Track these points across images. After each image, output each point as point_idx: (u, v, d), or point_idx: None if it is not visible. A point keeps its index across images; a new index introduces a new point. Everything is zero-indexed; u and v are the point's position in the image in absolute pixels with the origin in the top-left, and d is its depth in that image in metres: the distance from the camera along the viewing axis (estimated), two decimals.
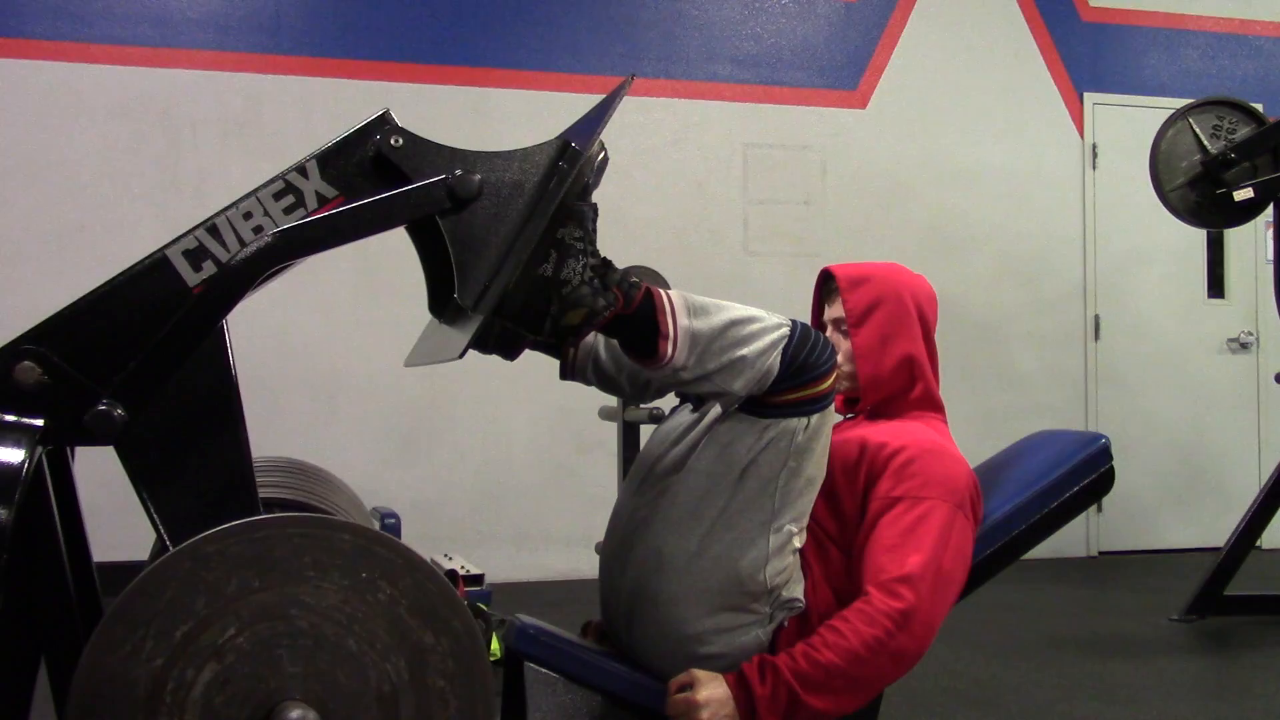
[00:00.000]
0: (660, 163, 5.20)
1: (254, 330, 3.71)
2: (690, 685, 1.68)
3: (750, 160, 5.31)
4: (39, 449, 1.42)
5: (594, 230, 1.60)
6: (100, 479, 1.96)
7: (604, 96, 1.70)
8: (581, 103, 1.77)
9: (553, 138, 1.60)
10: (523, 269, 1.51)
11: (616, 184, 5.21)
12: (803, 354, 1.66)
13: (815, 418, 1.71)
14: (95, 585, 1.77)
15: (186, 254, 1.49)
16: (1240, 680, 3.30)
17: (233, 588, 1.30)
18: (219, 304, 1.46)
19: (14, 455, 1.38)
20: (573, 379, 1.96)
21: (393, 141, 1.53)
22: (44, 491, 1.48)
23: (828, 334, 2.05)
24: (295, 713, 1.30)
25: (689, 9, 5.30)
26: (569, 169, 1.54)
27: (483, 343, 1.59)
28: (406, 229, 1.58)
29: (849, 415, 2.09)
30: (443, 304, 1.60)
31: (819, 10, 5.44)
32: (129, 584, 1.29)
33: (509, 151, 1.57)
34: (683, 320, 1.63)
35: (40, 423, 1.42)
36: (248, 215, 1.51)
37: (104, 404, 1.43)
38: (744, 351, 1.64)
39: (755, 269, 5.26)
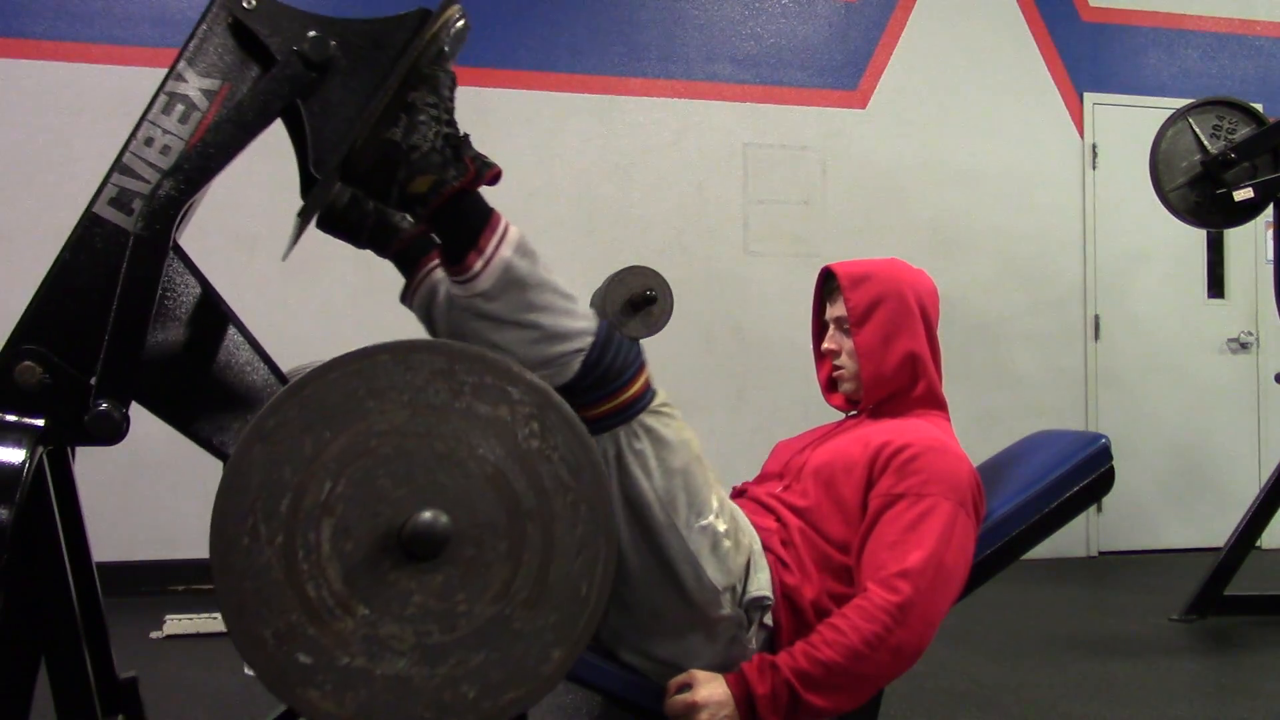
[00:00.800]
0: (660, 163, 5.20)
1: (254, 330, 3.69)
2: (689, 685, 1.68)
3: (750, 160, 5.31)
4: (39, 449, 1.42)
5: (450, 99, 1.54)
6: (100, 479, 1.96)
7: None
8: (581, 103, 1.77)
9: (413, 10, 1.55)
10: (370, 130, 1.45)
11: (616, 184, 5.22)
12: (606, 359, 1.56)
13: (643, 419, 1.60)
14: (95, 585, 1.77)
15: (113, 202, 1.47)
16: (1240, 680, 3.30)
17: (309, 447, 1.33)
18: (153, 250, 1.46)
19: (14, 455, 1.38)
20: (409, 307, 1.88)
21: (245, 4, 1.49)
22: (44, 491, 1.48)
23: (830, 333, 2.05)
24: (427, 514, 1.33)
25: (689, 9, 5.30)
26: (424, 30, 1.49)
27: (332, 217, 1.59)
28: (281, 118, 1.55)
29: (851, 414, 2.09)
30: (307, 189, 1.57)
31: (819, 10, 5.44)
32: (218, 490, 1.31)
33: (367, 19, 1.52)
34: (506, 251, 1.52)
35: (41, 423, 1.42)
36: (149, 141, 1.49)
37: (104, 404, 1.43)
38: (547, 322, 1.53)
39: (755, 269, 5.26)
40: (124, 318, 1.45)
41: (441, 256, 1.59)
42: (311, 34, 1.48)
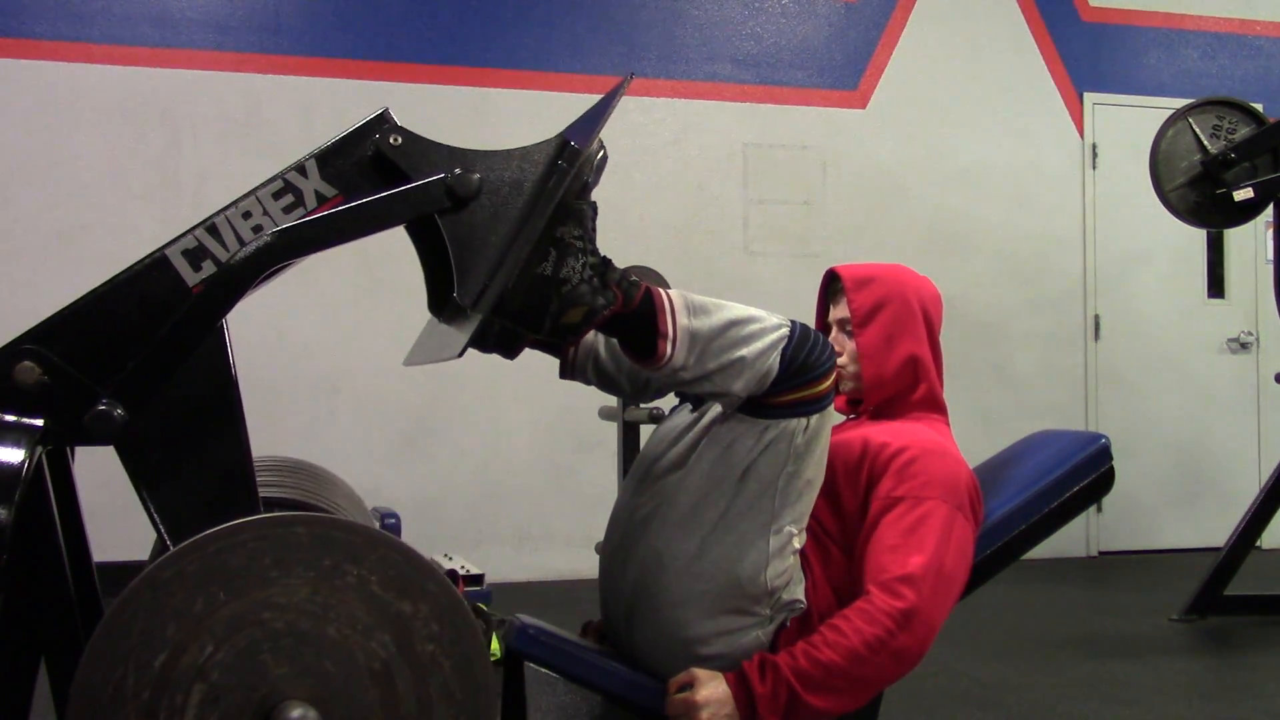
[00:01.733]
0: (660, 163, 5.20)
1: (254, 330, 3.71)
2: (690, 685, 1.68)
3: (750, 160, 5.31)
4: (39, 449, 1.42)
5: (593, 229, 1.60)
6: (100, 479, 1.96)
7: (603, 95, 1.70)
8: (581, 103, 1.77)
9: (552, 136, 1.59)
10: (522, 267, 1.51)
11: (616, 184, 5.21)
12: (802, 354, 1.66)
13: (815, 419, 1.70)
14: (95, 585, 1.77)
15: (186, 253, 1.49)
16: (1240, 680, 3.30)
17: (199, 606, 1.29)
18: (218, 303, 1.46)
19: (14, 455, 1.38)
20: (572, 378, 1.95)
21: (392, 140, 1.53)
22: (44, 491, 1.48)
23: (832, 334, 2.05)
24: (296, 712, 1.30)
25: (689, 9, 5.30)
26: (568, 167, 1.54)
27: (482, 341, 1.59)
28: (406, 228, 1.58)
29: (851, 415, 2.09)
30: (442, 303, 1.60)
31: (819, 10, 5.44)
32: (95, 630, 1.28)
33: (508, 150, 1.57)
34: (682, 320, 1.62)
35: (40, 423, 1.42)
36: (247, 214, 1.51)
37: (104, 404, 1.43)
38: (743, 352, 1.63)
39: (755, 269, 5.26)
40: (153, 364, 1.45)
41: (629, 353, 1.69)
42: (458, 171, 1.51)
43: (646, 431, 2.73)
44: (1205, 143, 4.08)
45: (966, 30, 5.57)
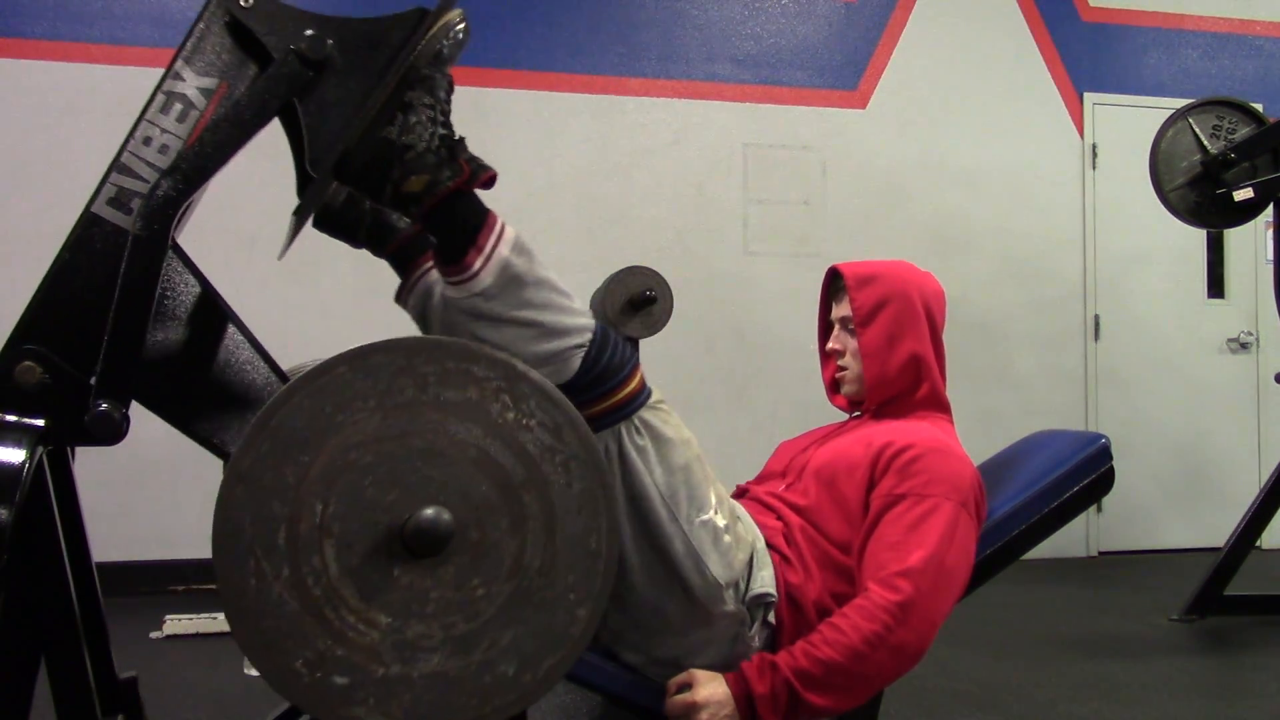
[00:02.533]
0: (660, 163, 5.20)
1: (254, 330, 3.69)
2: (689, 685, 1.68)
3: (750, 160, 5.31)
4: (40, 449, 1.42)
5: (447, 102, 1.54)
6: (100, 479, 1.96)
7: None
8: (581, 103, 1.77)
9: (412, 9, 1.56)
10: (366, 129, 1.46)
11: (616, 184, 5.22)
12: (604, 358, 1.57)
13: (642, 415, 1.61)
14: (95, 585, 1.77)
15: (111, 202, 1.47)
16: (1240, 680, 3.31)
17: (290, 476, 1.32)
18: (151, 250, 1.45)
19: (14, 455, 1.38)
20: (403, 305, 1.87)
21: (242, 2, 1.49)
22: (44, 491, 1.48)
23: (835, 332, 2.05)
24: (426, 512, 1.33)
25: (689, 9, 5.30)
26: (421, 30, 1.49)
27: (330, 219, 1.59)
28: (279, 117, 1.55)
29: (853, 415, 2.09)
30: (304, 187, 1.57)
31: (819, 10, 5.44)
32: (212, 537, 1.31)
33: (365, 18, 1.52)
34: (505, 250, 1.52)
35: (41, 423, 1.42)
36: (147, 140, 1.49)
37: (104, 404, 1.43)
38: (546, 319, 1.53)
39: (755, 269, 5.26)
40: (123, 318, 1.45)
41: (436, 257, 1.58)
42: (309, 33, 1.48)
43: None
44: (1205, 143, 4.08)
45: (966, 30, 5.57)
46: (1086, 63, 5.71)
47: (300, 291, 4.70)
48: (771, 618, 1.76)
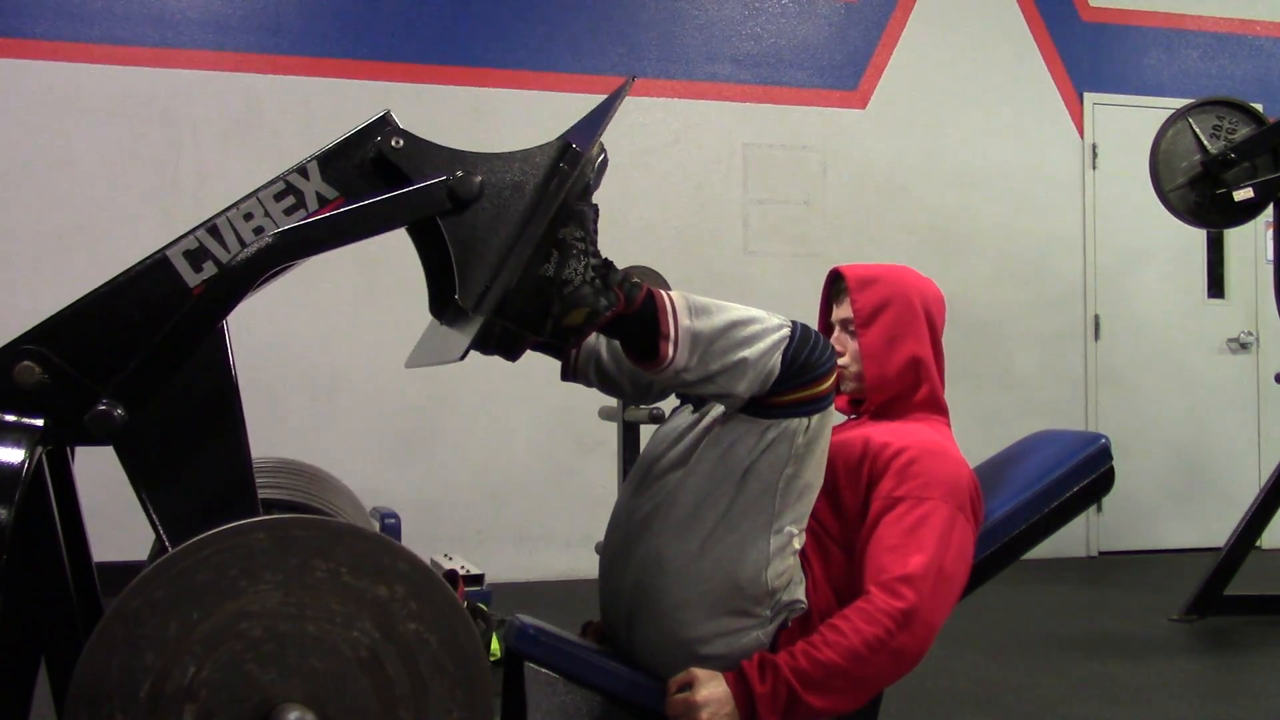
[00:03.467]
0: (660, 163, 5.20)
1: (254, 331, 3.71)
2: (690, 684, 1.68)
3: (750, 160, 5.31)
4: (39, 449, 1.42)
5: (595, 231, 1.60)
6: (100, 479, 1.95)
7: (605, 97, 1.70)
8: (581, 103, 1.77)
9: (553, 139, 1.59)
10: (524, 269, 1.51)
11: (616, 184, 5.21)
12: (804, 354, 1.65)
13: (816, 419, 1.70)
14: (95, 585, 1.77)
15: (187, 254, 1.49)
16: (1240, 680, 3.31)
17: (174, 629, 1.29)
18: (219, 304, 1.46)
19: (14, 455, 1.38)
20: (574, 380, 1.95)
21: (394, 143, 1.54)
22: (44, 491, 1.48)
23: (835, 334, 2.06)
24: (293, 714, 1.29)
25: (689, 9, 5.30)
26: (570, 170, 1.54)
27: (484, 344, 1.59)
28: (407, 230, 1.58)
29: (852, 415, 2.09)
30: (444, 305, 1.60)
31: (819, 10, 5.44)
32: (74, 674, 1.27)
33: (509, 153, 1.57)
34: (684, 321, 1.62)
35: (40, 423, 1.42)
36: (248, 216, 1.51)
37: (104, 404, 1.43)
38: (746, 353, 1.63)
39: (755, 269, 5.26)
40: (153, 364, 1.45)
41: (631, 356, 1.68)
42: (460, 174, 1.51)
43: (647, 432, 2.72)
44: (1205, 143, 4.08)
45: (966, 30, 5.57)
46: (1086, 63, 5.71)
47: (300, 291, 4.70)
48: (788, 622, 1.78)
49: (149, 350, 1.44)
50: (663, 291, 1.64)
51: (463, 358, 1.52)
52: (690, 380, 1.65)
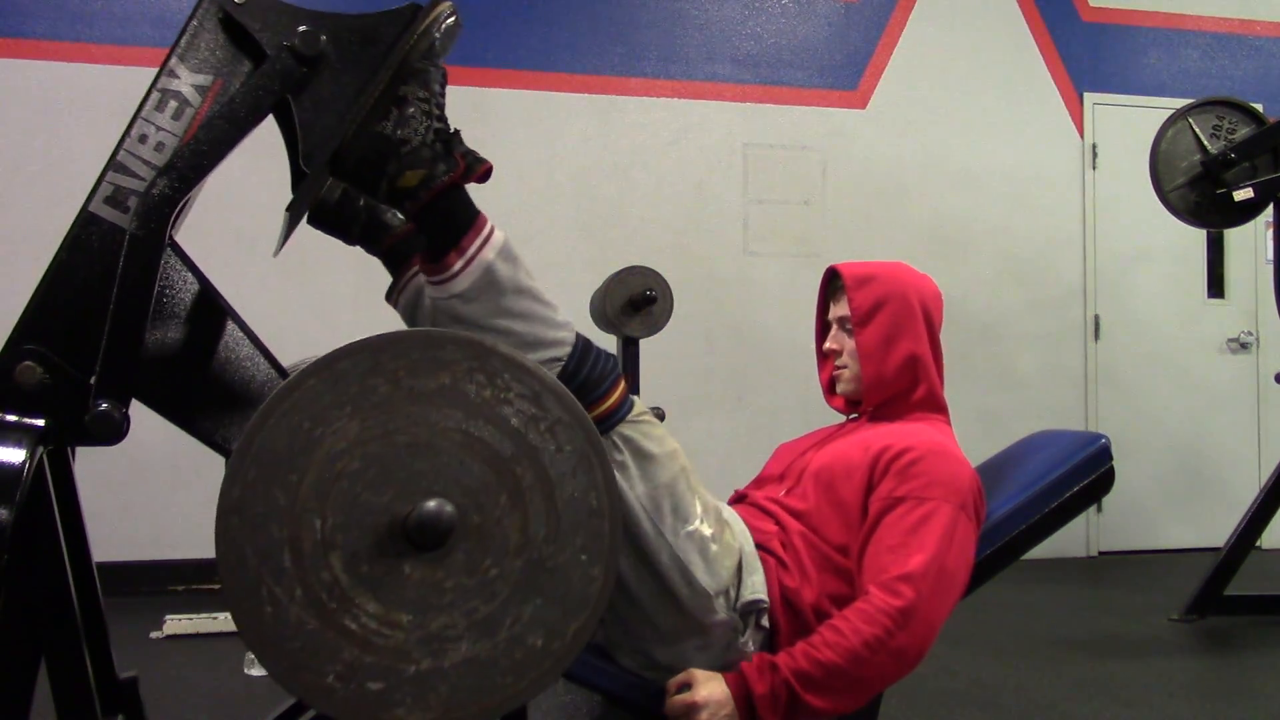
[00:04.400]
0: (660, 163, 5.20)
1: (253, 329, 3.69)
2: (689, 685, 1.68)
3: (750, 160, 5.31)
4: (40, 449, 1.42)
5: (441, 95, 1.54)
6: (100, 479, 1.95)
7: None
8: (581, 103, 1.77)
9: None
10: (361, 123, 1.46)
11: (616, 184, 5.22)
12: (582, 373, 1.56)
13: (621, 430, 1.60)
14: (95, 585, 1.77)
15: (108, 201, 1.47)
16: (1240, 680, 3.30)
17: (283, 498, 1.32)
18: (149, 249, 1.45)
19: (15, 455, 1.38)
20: (393, 304, 1.87)
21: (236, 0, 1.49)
22: (44, 492, 1.48)
23: (832, 332, 2.05)
24: (426, 505, 1.32)
25: (689, 9, 5.30)
26: (414, 23, 1.49)
27: (325, 215, 1.57)
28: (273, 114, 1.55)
29: (851, 416, 2.09)
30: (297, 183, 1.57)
31: (819, 10, 5.44)
32: (218, 574, 1.31)
33: (358, 14, 1.52)
34: (489, 253, 1.51)
35: (41, 423, 1.42)
36: (143, 138, 1.49)
37: (104, 404, 1.43)
38: (523, 329, 1.53)
39: (755, 269, 5.26)
40: (122, 316, 1.44)
41: (422, 255, 1.58)
42: (302, 29, 1.48)
43: None
44: (1205, 143, 4.08)
45: (966, 30, 5.57)
46: (1086, 63, 5.71)
47: (300, 291, 4.71)
48: (765, 622, 1.75)
49: (112, 319, 1.44)
50: (489, 222, 1.56)
51: (298, 213, 1.49)
52: (463, 316, 1.52)
